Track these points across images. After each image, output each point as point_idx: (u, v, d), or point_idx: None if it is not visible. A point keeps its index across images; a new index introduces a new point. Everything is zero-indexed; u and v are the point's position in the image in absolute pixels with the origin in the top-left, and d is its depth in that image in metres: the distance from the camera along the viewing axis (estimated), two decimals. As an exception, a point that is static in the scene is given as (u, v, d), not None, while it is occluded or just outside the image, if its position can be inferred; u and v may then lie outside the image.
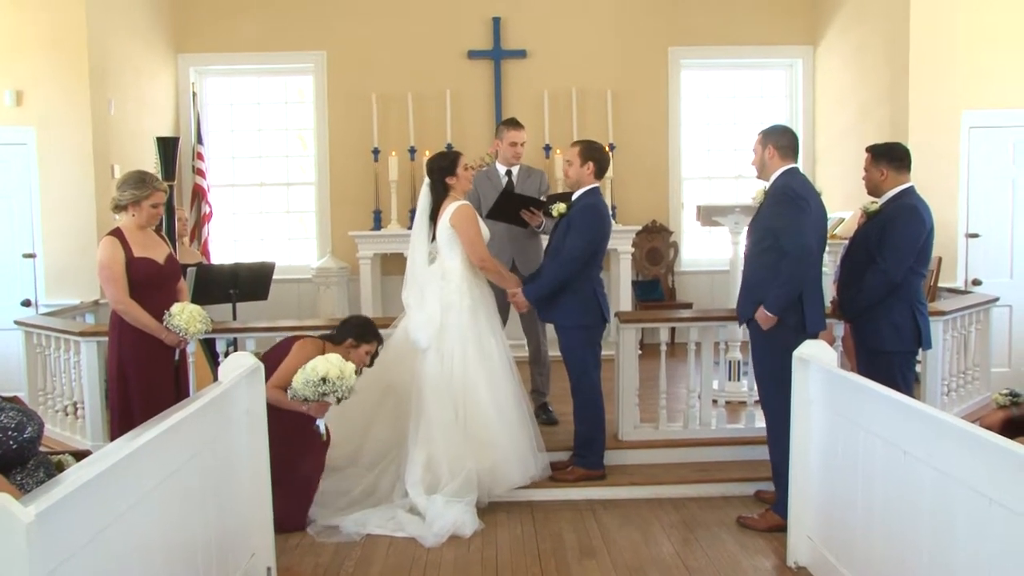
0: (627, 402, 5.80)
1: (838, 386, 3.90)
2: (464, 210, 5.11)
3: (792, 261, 4.48)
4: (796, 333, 4.46)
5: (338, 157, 9.63)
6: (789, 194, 4.55)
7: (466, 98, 9.54)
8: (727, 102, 10.09)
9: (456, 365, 5.03)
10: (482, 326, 5.13)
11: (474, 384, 5.01)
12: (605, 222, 5.22)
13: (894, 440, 3.32)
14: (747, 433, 5.77)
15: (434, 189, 5.19)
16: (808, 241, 4.48)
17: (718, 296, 9.29)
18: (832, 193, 8.42)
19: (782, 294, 4.52)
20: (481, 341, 5.09)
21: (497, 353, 5.13)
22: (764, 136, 4.76)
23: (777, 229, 4.55)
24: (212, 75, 9.84)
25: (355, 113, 9.52)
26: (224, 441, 3.69)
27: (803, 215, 4.49)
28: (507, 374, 5.14)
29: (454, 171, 5.17)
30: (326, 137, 9.64)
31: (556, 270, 5.14)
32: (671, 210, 9.87)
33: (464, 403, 5.00)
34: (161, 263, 4.83)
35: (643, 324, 6.28)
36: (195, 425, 3.32)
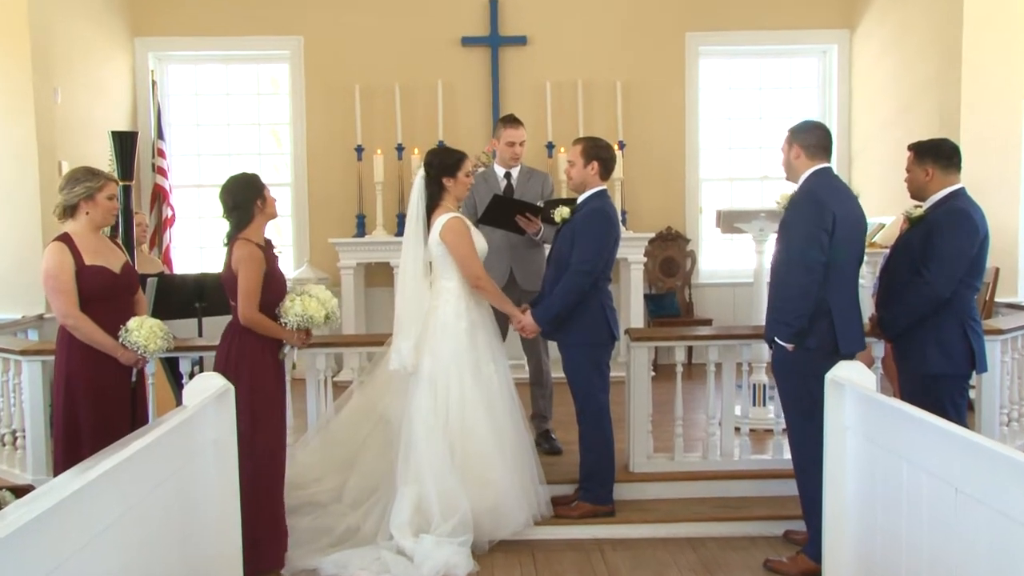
0: (639, 429, 5.78)
1: (877, 413, 3.86)
2: (455, 224, 5.07)
3: (792, 278, 4.49)
4: (823, 355, 4.43)
5: (317, 156, 9.64)
6: (812, 200, 4.53)
7: (460, 90, 9.55)
8: (752, 94, 10.11)
9: (452, 394, 4.99)
10: (481, 351, 5.10)
11: (472, 416, 4.98)
12: (614, 228, 5.21)
13: (944, 475, 3.28)
14: (774, 465, 5.73)
15: (428, 186, 5.15)
16: (810, 257, 4.44)
17: (741, 311, 9.28)
18: (871, 196, 8.40)
19: (789, 328, 4.53)
20: (480, 367, 5.06)
21: (497, 380, 5.10)
22: (790, 135, 4.75)
23: (789, 239, 4.56)
24: (174, 62, 9.85)
25: (336, 106, 9.52)
26: (188, 474, 3.65)
27: (817, 226, 4.46)
28: (509, 404, 5.12)
29: (455, 173, 5.13)
30: (303, 133, 9.65)
31: (566, 287, 5.11)
32: (688, 215, 9.88)
33: (461, 437, 4.96)
34: (116, 272, 4.80)
35: (656, 342, 6.26)
36: (155, 456, 3.28)
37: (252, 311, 4.63)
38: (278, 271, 4.85)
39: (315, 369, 5.84)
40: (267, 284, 4.69)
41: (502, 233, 6.04)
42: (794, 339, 4.55)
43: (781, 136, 4.84)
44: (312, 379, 5.85)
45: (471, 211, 6.13)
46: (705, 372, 5.91)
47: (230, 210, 4.72)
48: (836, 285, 4.53)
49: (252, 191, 4.72)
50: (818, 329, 4.53)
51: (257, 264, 4.62)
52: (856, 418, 4.05)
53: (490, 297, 5.19)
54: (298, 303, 4.73)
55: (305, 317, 4.71)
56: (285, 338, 4.76)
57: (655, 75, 9.68)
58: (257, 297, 4.63)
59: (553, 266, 5.27)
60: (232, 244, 4.70)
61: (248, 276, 4.60)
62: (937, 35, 7.99)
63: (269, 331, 4.71)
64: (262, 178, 4.82)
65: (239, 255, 4.63)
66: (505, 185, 6.27)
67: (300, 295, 4.80)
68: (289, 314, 4.70)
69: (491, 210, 5.88)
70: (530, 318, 5.23)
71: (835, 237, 4.47)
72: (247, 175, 4.80)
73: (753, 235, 6.77)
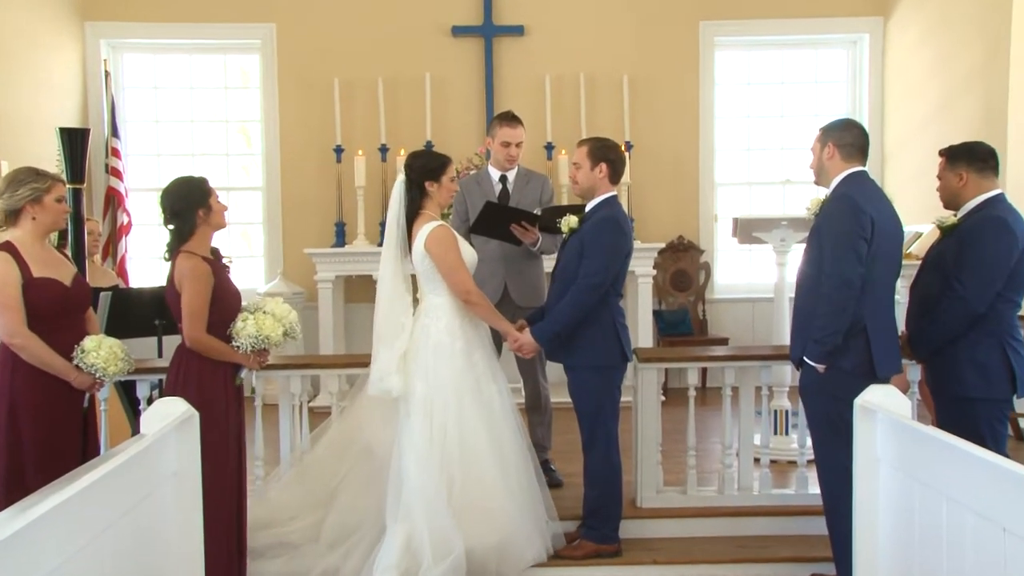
0: (648, 460, 5.76)
1: (913, 443, 3.84)
2: (440, 233, 5.05)
3: (827, 292, 4.47)
4: (858, 378, 4.40)
5: (291, 157, 9.64)
6: (850, 205, 4.51)
7: (450, 85, 9.55)
8: (773, 90, 10.14)
9: (450, 419, 4.95)
10: (480, 370, 5.08)
11: (473, 442, 4.95)
12: (626, 239, 5.19)
13: (989, 513, 3.24)
14: (798, 500, 5.72)
15: (409, 191, 5.12)
16: (848, 268, 4.42)
17: (760, 330, 9.28)
18: (905, 202, 8.34)
19: (823, 345, 4.50)
20: (480, 390, 5.04)
21: (499, 402, 5.09)
22: (823, 133, 4.74)
23: (825, 248, 4.53)
24: (130, 50, 9.85)
25: (312, 102, 9.52)
26: (146, 512, 3.62)
27: (855, 234, 4.44)
28: (512, 426, 5.10)
29: (438, 177, 5.11)
30: (276, 132, 9.66)
31: (571, 302, 5.08)
32: (702, 224, 9.89)
33: (462, 466, 4.92)
34: (67, 285, 4.75)
35: (667, 363, 6.26)
36: (108, 491, 3.25)
37: (199, 332, 4.56)
38: (230, 285, 4.78)
39: (289, 394, 5.80)
40: (217, 301, 4.61)
41: (496, 244, 6.02)
42: (826, 359, 4.52)
43: (805, 136, 4.85)
44: (286, 405, 5.81)
45: (463, 218, 6.12)
46: (720, 397, 5.89)
47: (169, 218, 4.66)
48: (873, 301, 4.51)
49: (195, 197, 4.66)
50: (853, 349, 4.51)
51: (203, 279, 4.56)
52: (889, 449, 4.02)
53: (482, 313, 5.16)
54: (251, 323, 4.65)
55: (259, 338, 4.63)
56: (239, 362, 4.69)
57: (666, 69, 9.69)
58: (204, 316, 4.56)
59: (559, 280, 5.24)
60: (174, 257, 4.65)
61: (193, 293, 4.54)
62: (982, 22, 7.98)
63: (220, 354, 4.64)
64: (213, 182, 4.75)
65: (182, 270, 4.56)
66: (500, 190, 6.26)
67: (253, 313, 4.72)
68: (241, 336, 4.63)
69: (483, 218, 5.86)
70: (528, 336, 5.20)
71: (872, 247, 4.46)
72: (191, 179, 4.74)
73: (774, 245, 6.77)
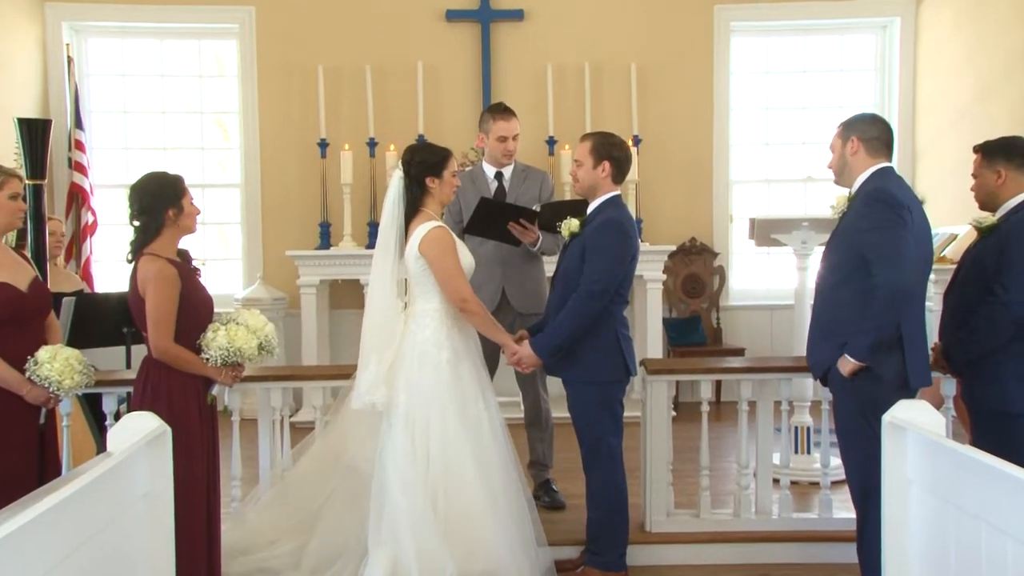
0: (657, 481, 5.76)
1: (948, 463, 3.81)
2: (438, 235, 5.03)
3: (886, 295, 4.41)
4: (895, 390, 4.38)
5: (272, 151, 9.63)
6: (886, 199, 4.48)
7: (444, 74, 9.56)
8: (794, 79, 10.14)
9: (433, 437, 4.93)
10: (467, 386, 5.05)
11: (458, 463, 4.92)
12: (631, 242, 5.17)
13: (1034, 542, 3.22)
14: (821, 526, 5.71)
15: (409, 188, 5.10)
16: (908, 271, 4.41)
17: (779, 339, 9.26)
18: (940, 201, 8.39)
19: (868, 338, 4.46)
20: (466, 406, 5.01)
21: (488, 421, 5.05)
22: (845, 128, 4.73)
23: (868, 246, 4.48)
24: (95, 34, 9.83)
25: (295, 92, 9.53)
26: (113, 536, 3.59)
27: (904, 229, 4.42)
28: (500, 448, 5.06)
29: (440, 172, 5.10)
30: (255, 124, 9.65)
31: (573, 311, 5.06)
32: (716, 225, 9.89)
33: (444, 489, 4.90)
34: (23, 290, 4.74)
35: (678, 375, 6.25)
36: (70, 515, 3.22)
37: (166, 342, 4.52)
38: (200, 291, 4.75)
39: (269, 408, 5.79)
40: (185, 308, 4.58)
41: (493, 245, 6.02)
42: (870, 356, 4.48)
43: (829, 129, 4.82)
44: (265, 420, 5.80)
45: (456, 219, 6.11)
46: (736, 412, 5.89)
47: (136, 215, 4.63)
48: (906, 307, 4.48)
49: (166, 195, 4.62)
50: (892, 357, 4.49)
51: (169, 284, 4.52)
52: (922, 470, 3.99)
53: (479, 324, 5.14)
54: (222, 334, 4.61)
55: (231, 350, 4.59)
56: (210, 375, 4.67)
57: (677, 56, 9.69)
58: (171, 324, 4.52)
59: (559, 287, 5.23)
60: (137, 260, 4.62)
61: (158, 299, 4.50)
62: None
63: (189, 366, 4.60)
64: (187, 178, 4.71)
65: (146, 273, 4.53)
66: (496, 187, 6.26)
67: (225, 324, 4.68)
68: (212, 347, 4.59)
69: (478, 216, 5.85)
70: (528, 348, 5.17)
71: None
72: (165, 176, 4.70)
73: (794, 248, 6.76)
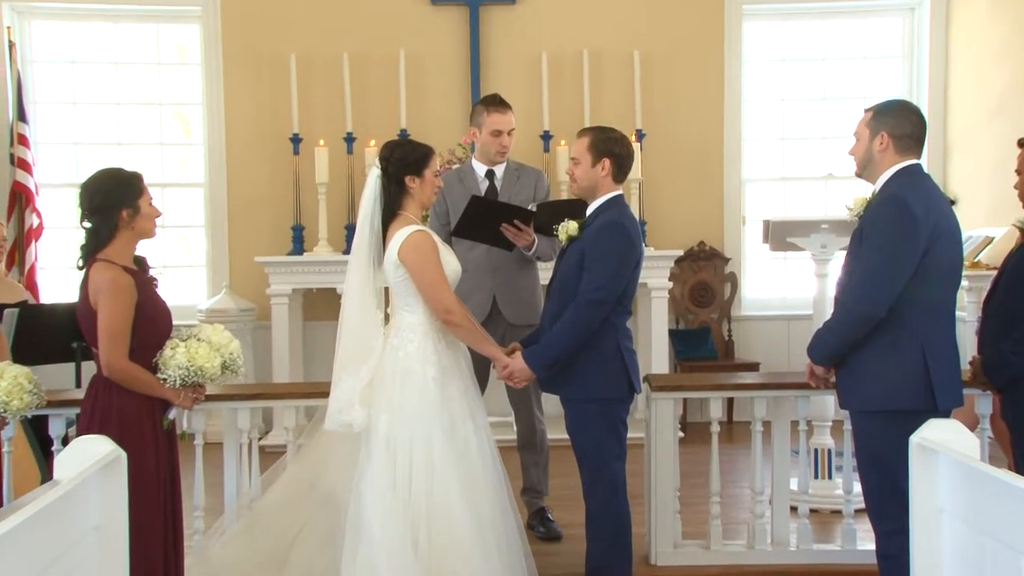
0: (663, 508, 5.75)
1: (985, 491, 3.78)
2: (418, 240, 5.00)
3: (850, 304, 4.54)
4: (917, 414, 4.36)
5: (239, 147, 9.63)
6: (895, 206, 4.49)
7: (429, 64, 9.58)
8: (813, 67, 10.16)
9: (416, 463, 4.90)
10: (455, 405, 5.02)
11: (443, 491, 4.90)
12: (634, 246, 5.15)
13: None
14: (844, 558, 5.72)
15: (386, 188, 5.09)
16: (878, 300, 4.47)
17: (797, 353, 9.22)
18: (974, 202, 8.40)
19: (828, 340, 4.70)
20: (454, 427, 4.99)
21: (476, 443, 5.03)
22: (876, 117, 4.70)
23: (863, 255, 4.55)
24: (40, 16, 9.82)
25: (264, 82, 9.54)
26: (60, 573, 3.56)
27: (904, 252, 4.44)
28: (491, 473, 5.04)
29: (420, 171, 5.08)
30: (220, 117, 9.65)
31: (571, 322, 5.05)
32: (727, 227, 9.91)
33: (428, 519, 4.88)
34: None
35: (686, 392, 6.25)
36: (12, 551, 3.19)
37: (119, 359, 4.49)
38: (158, 302, 4.72)
39: (236, 430, 5.77)
40: (141, 321, 4.55)
41: (483, 250, 6.02)
42: (829, 362, 4.75)
43: (851, 123, 4.80)
44: (232, 443, 5.79)
45: (442, 221, 6.10)
46: (750, 433, 5.89)
47: (86, 215, 4.61)
48: (933, 321, 4.50)
49: (120, 194, 4.58)
50: (912, 382, 4.49)
51: (123, 294, 4.50)
52: (955, 498, 3.97)
53: (465, 336, 5.12)
54: (181, 351, 4.59)
55: (191, 369, 4.57)
56: (168, 397, 4.64)
57: (684, 43, 9.71)
58: (125, 340, 4.49)
59: (556, 296, 5.21)
60: (89, 267, 4.59)
61: (112, 310, 4.47)
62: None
63: (144, 387, 4.58)
64: (145, 177, 4.69)
65: (98, 281, 4.50)
66: (487, 187, 6.26)
67: (185, 340, 4.66)
68: (170, 366, 4.57)
69: (468, 217, 5.83)
70: (521, 362, 5.14)
71: (935, 259, 4.46)
72: (121, 173, 4.67)
73: (813, 253, 6.76)
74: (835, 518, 6.20)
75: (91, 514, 3.84)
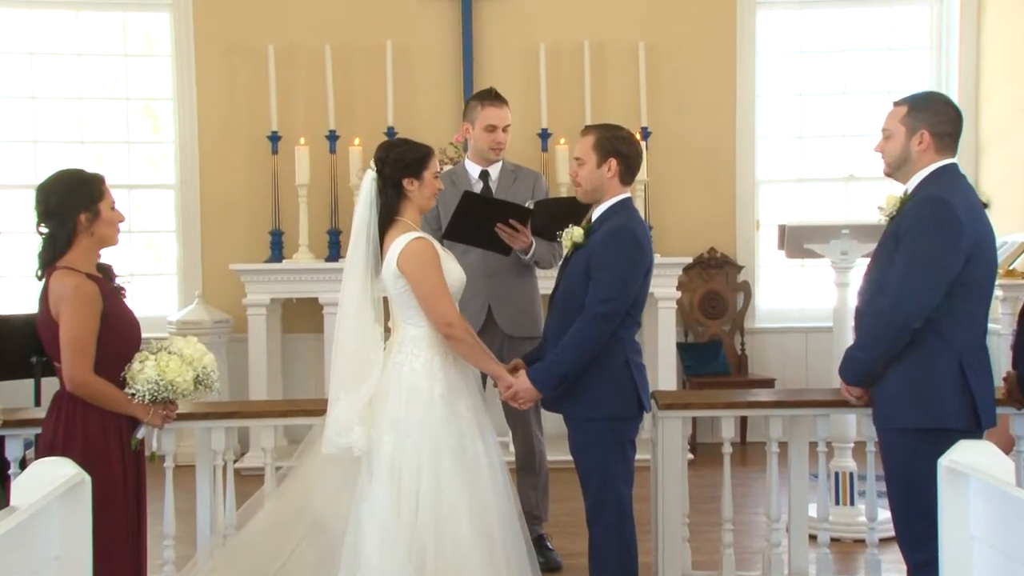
0: (671, 536, 5.74)
1: (1020, 517, 3.79)
2: (418, 248, 5.00)
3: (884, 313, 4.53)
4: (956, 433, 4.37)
5: (213, 146, 9.63)
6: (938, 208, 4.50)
7: (418, 56, 9.60)
8: (833, 59, 10.17)
9: (423, 486, 4.89)
10: (464, 424, 5.02)
11: (452, 514, 4.89)
12: (644, 254, 5.13)
13: None
14: (868, 591, 5.71)
15: (383, 191, 5.08)
16: (921, 297, 4.47)
17: (815, 368, 9.29)
18: (1008, 204, 8.41)
19: (860, 357, 4.70)
20: (463, 447, 4.99)
21: (487, 464, 5.03)
22: (913, 112, 4.69)
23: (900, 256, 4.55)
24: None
25: (240, 76, 9.55)
26: (17, 607, 3.55)
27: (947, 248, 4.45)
28: (500, 495, 5.05)
29: (420, 172, 5.07)
30: (192, 114, 9.65)
31: (579, 336, 5.02)
32: (739, 233, 9.92)
33: (437, 547, 4.86)
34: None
35: (695, 411, 6.25)
36: (-32, 581, 3.19)
37: (83, 372, 4.48)
38: (125, 312, 4.72)
39: (210, 452, 5.73)
40: (107, 332, 4.54)
41: (478, 254, 6.02)
42: (864, 382, 4.74)
43: (874, 120, 4.79)
44: (205, 466, 5.75)
45: (434, 226, 6.09)
46: (764, 454, 5.88)
47: (42, 220, 4.59)
48: (971, 333, 4.52)
49: (79, 196, 4.57)
50: (951, 399, 4.51)
51: (87, 304, 4.48)
52: (988, 525, 3.97)
53: (466, 351, 5.11)
54: (151, 365, 4.58)
55: (162, 384, 4.56)
56: (136, 415, 4.63)
57: (694, 34, 9.72)
58: (90, 352, 4.48)
59: (559, 307, 5.19)
60: (49, 275, 4.57)
61: (75, 321, 4.46)
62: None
63: (111, 403, 4.57)
64: (110, 178, 4.66)
65: (60, 291, 4.49)
66: (481, 188, 6.28)
67: (155, 353, 4.65)
68: (138, 380, 4.55)
69: (459, 216, 5.82)
70: (526, 382, 5.11)
71: (973, 270, 4.48)
72: (80, 174, 4.66)
73: (833, 260, 6.77)
74: (858, 548, 6.20)
75: (51, 543, 3.82)
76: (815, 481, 6.01)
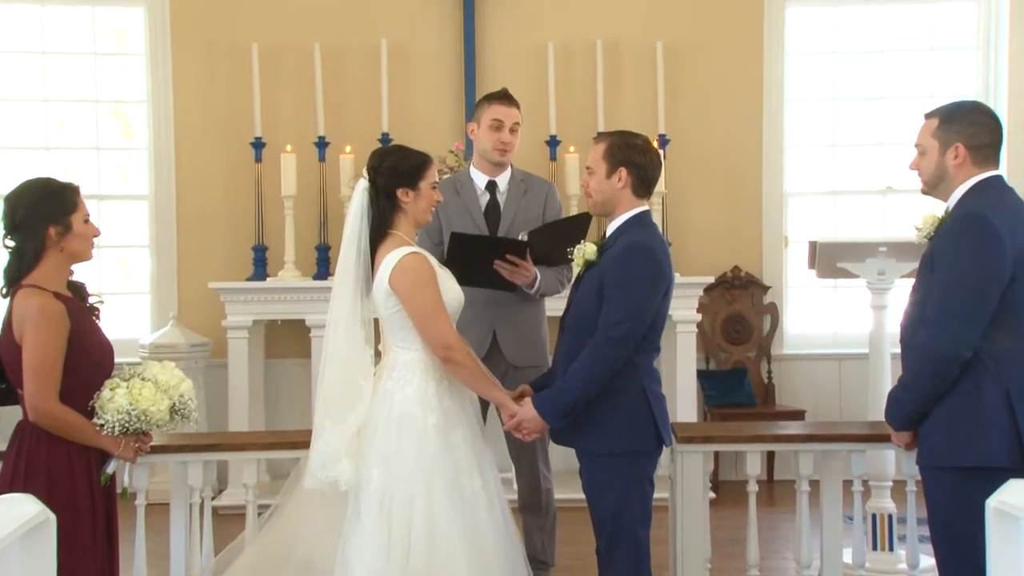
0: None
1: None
2: (412, 263, 4.99)
3: (926, 349, 4.54)
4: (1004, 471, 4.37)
5: (190, 153, 9.66)
6: (975, 225, 4.50)
7: (415, 56, 9.64)
8: (869, 61, 10.19)
9: (416, 524, 4.90)
10: (460, 457, 5.02)
11: (447, 555, 4.89)
12: (662, 273, 5.13)
13: None
14: (907, 644, 5.71)
15: (375, 202, 5.08)
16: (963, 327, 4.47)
17: (850, 399, 9.31)
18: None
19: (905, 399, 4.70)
20: (459, 482, 4.99)
21: (485, 501, 5.04)
22: (945, 125, 4.69)
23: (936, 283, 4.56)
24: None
25: (221, 78, 9.59)
26: (-25, 658, 3.55)
27: (987, 268, 4.46)
28: (501, 536, 5.06)
29: (416, 183, 5.07)
30: (169, 118, 9.67)
31: (592, 362, 5.01)
32: (766, 250, 9.94)
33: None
34: None
35: (717, 445, 6.24)
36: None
37: (47, 401, 4.48)
38: (96, 334, 4.72)
39: (186, 488, 5.73)
40: (76, 356, 4.55)
41: (480, 274, 6.00)
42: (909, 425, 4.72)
43: (915, 126, 4.79)
44: (180, 503, 5.75)
45: (435, 240, 6.08)
46: (794, 493, 5.88)
47: (8, 233, 4.62)
48: (1018, 361, 4.50)
49: (48, 208, 4.59)
50: (995, 434, 4.49)
51: (54, 325, 4.49)
52: (1040, 570, 3.98)
53: (467, 377, 5.11)
54: (121, 392, 4.58)
55: (134, 414, 4.56)
56: (106, 447, 4.63)
57: (717, 33, 9.76)
58: (56, 379, 4.48)
59: (571, 330, 5.19)
60: (13, 293, 4.58)
61: (40, 345, 4.46)
62: None
63: (78, 435, 4.57)
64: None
65: (24, 311, 4.50)
66: (488, 201, 6.24)
67: (127, 380, 4.65)
68: (108, 410, 4.55)
69: (454, 257, 5.74)
70: (532, 410, 5.10)
71: (1015, 287, 4.47)
72: (51, 184, 4.69)
73: (869, 281, 6.77)
74: (896, 596, 6.20)
75: (14, 587, 3.82)
76: (850, 523, 6.01)
